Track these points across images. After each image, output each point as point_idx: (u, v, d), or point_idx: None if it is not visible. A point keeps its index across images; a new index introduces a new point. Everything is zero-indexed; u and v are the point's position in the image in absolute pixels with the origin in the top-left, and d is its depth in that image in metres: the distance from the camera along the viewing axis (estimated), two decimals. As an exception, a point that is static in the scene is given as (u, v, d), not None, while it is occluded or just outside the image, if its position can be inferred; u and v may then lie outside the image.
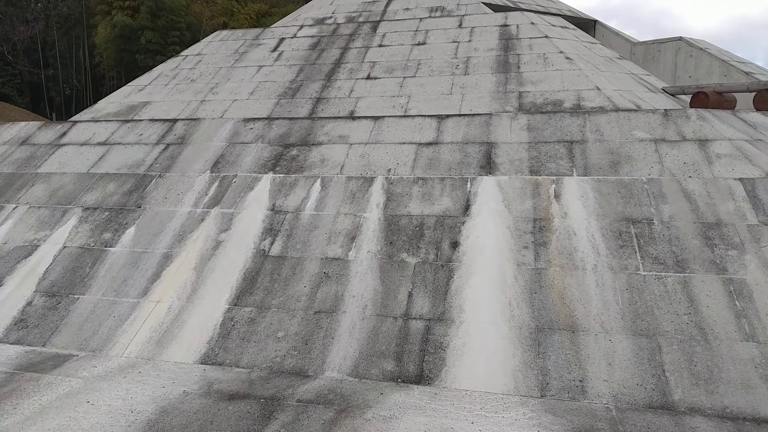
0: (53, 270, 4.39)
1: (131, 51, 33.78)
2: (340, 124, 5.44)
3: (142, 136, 5.77)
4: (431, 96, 6.63)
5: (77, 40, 37.60)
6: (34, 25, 34.92)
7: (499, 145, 4.78)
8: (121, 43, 33.93)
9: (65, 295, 4.17)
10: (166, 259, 4.31)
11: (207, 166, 5.18)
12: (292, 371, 3.37)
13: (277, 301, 3.83)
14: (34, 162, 5.66)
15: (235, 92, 7.40)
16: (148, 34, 33.02)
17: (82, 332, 3.85)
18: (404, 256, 3.97)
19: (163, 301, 3.97)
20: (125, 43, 33.85)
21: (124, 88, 8.11)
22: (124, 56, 34.48)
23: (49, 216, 4.93)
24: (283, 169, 4.97)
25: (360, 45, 8.04)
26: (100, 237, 4.61)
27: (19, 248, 4.65)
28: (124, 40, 33.82)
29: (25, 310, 4.09)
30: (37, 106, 34.42)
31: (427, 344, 3.38)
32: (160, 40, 33.61)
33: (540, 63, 6.85)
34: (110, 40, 33.87)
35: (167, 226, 4.60)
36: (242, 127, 5.65)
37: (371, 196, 4.51)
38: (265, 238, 4.32)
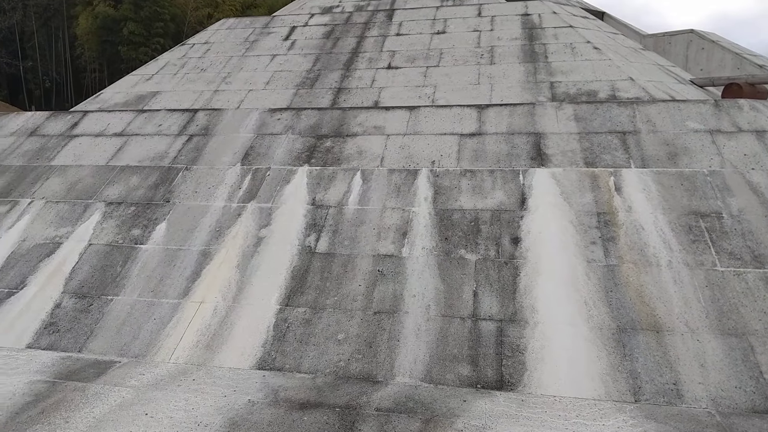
0: (80, 269, 4.09)
1: (114, 42, 32.98)
2: (373, 114, 5.19)
3: (161, 127, 5.46)
4: (458, 86, 6.41)
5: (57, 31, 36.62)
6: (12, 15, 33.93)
7: (547, 136, 4.58)
8: (104, 34, 33.11)
9: (97, 296, 3.88)
10: (205, 256, 4.04)
11: (236, 158, 4.90)
12: (359, 376, 3.14)
13: (331, 301, 3.59)
14: (47, 154, 5.32)
15: (250, 82, 7.11)
16: (131, 26, 32.22)
17: (121, 336, 3.57)
18: (462, 253, 3.75)
19: (207, 302, 3.70)
20: (107, 35, 33.04)
21: (128, 77, 7.76)
22: (106, 48, 33.67)
23: (70, 211, 4.61)
24: (319, 162, 4.71)
25: (377, 34, 7.79)
26: (129, 234, 4.31)
27: (39, 246, 4.34)
28: (107, 32, 33.00)
29: (55, 313, 3.79)
30: (15, 98, 33.47)
31: (502, 347, 3.17)
32: (144, 32, 32.86)
33: (568, 53, 6.68)
34: (92, 32, 33.05)
35: (201, 221, 4.32)
36: (269, 118, 5.37)
37: (417, 189, 4.29)
38: (309, 234, 4.07)
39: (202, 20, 36.79)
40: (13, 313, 3.83)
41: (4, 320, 3.79)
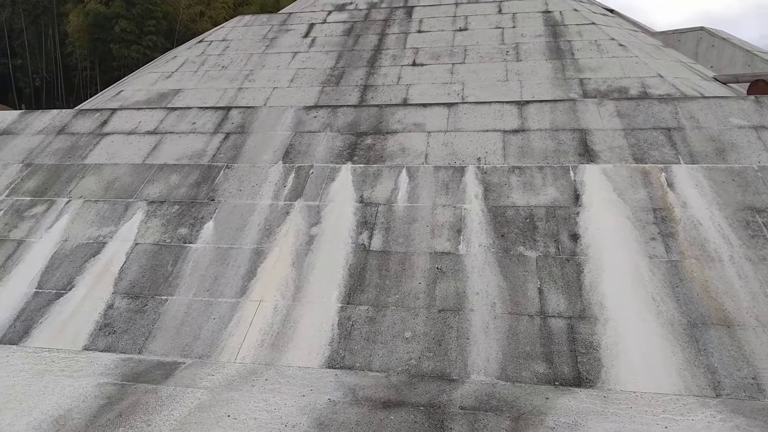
0: (129, 269, 4.03)
1: (105, 40, 32.59)
2: (411, 111, 5.17)
3: (195, 125, 5.40)
4: (486, 82, 6.41)
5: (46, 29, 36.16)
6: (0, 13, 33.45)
7: (592, 132, 4.59)
8: (95, 32, 32.73)
9: (150, 296, 3.82)
10: (258, 255, 3.99)
11: (277, 156, 4.86)
12: (432, 374, 3.12)
13: (393, 299, 3.57)
14: (78, 152, 5.24)
15: (273, 79, 7.05)
16: (123, 23, 31.86)
17: (181, 337, 3.52)
18: (521, 250, 3.75)
19: (267, 301, 3.66)
20: (99, 32, 32.65)
21: (148, 74, 7.66)
22: (97, 46, 33.28)
23: (110, 210, 4.54)
24: (362, 159, 4.68)
25: (398, 31, 7.76)
26: (176, 233, 4.26)
27: (83, 246, 4.26)
28: (98, 29, 32.62)
29: (108, 314, 3.73)
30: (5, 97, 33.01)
31: (575, 344, 3.17)
32: (136, 29, 32.51)
33: (594, 49, 6.69)
34: (83, 29, 32.67)
35: (249, 219, 4.28)
36: (305, 116, 5.33)
37: (466, 186, 4.27)
38: (362, 232, 4.04)
39: (194, 18, 36.54)
40: (64, 314, 3.76)
41: (55, 322, 3.73)
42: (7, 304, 3.87)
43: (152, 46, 33.28)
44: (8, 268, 4.17)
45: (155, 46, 33.54)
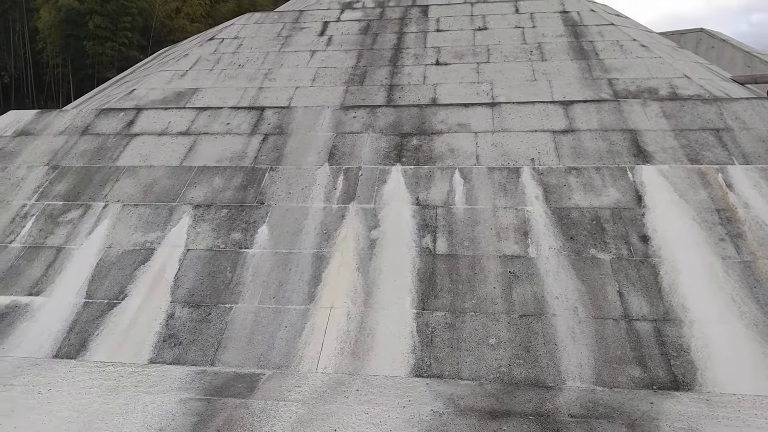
0: (185, 276, 3.87)
1: (78, 37, 31.70)
2: (454, 111, 5.11)
3: (230, 126, 5.24)
4: (515, 82, 6.38)
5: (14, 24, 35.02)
6: (-34, 7, 32.29)
7: (642, 133, 4.60)
8: (67, 28, 31.80)
9: (213, 304, 3.67)
10: (319, 260, 3.88)
11: (322, 158, 4.74)
12: (526, 382, 3.07)
13: (470, 305, 3.50)
14: (108, 154, 5.03)
15: (294, 78, 6.90)
16: (97, 19, 31.02)
17: (254, 347, 3.39)
18: (594, 252, 3.72)
19: (338, 307, 3.56)
20: (72, 29, 31.74)
21: (160, 73, 7.42)
22: (70, 42, 32.35)
23: (153, 215, 4.36)
24: (411, 161, 4.60)
25: (416, 30, 7.68)
26: (229, 237, 4.11)
27: (129, 252, 4.09)
28: (71, 25, 31.70)
29: (170, 324, 3.58)
30: (-28, 95, 31.84)
31: (665, 347, 3.15)
32: (110, 26, 31.70)
33: (617, 50, 6.73)
34: (54, 25, 31.74)
35: (304, 223, 4.15)
36: (343, 116, 5.22)
37: (525, 187, 4.23)
38: (424, 235, 3.96)
39: (170, 14, 35.82)
40: (121, 325, 3.59)
41: (113, 334, 3.56)
42: (57, 316, 3.68)
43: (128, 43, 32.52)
44: (51, 277, 3.97)
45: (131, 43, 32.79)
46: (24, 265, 4.07)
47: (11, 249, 4.20)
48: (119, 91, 7.58)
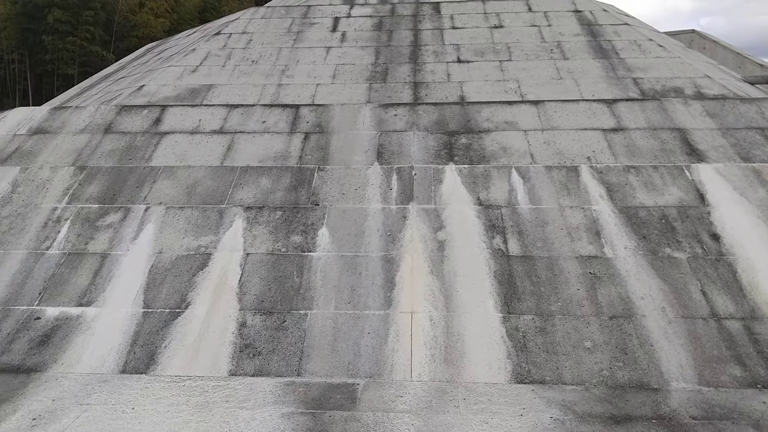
0: (250, 282, 3.68)
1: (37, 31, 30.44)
2: (498, 109, 5.04)
3: (266, 124, 5.03)
4: (540, 80, 6.35)
5: (-34, 17, 33.36)
6: None
7: (690, 131, 4.62)
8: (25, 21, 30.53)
9: (286, 311, 3.50)
10: (389, 263, 3.74)
11: (370, 157, 4.60)
12: (630, 385, 3.01)
13: (556, 307, 3.43)
14: (140, 153, 4.76)
15: (313, 75, 6.71)
16: (58, 13, 29.84)
17: (339, 355, 3.24)
18: (669, 252, 3.70)
19: (419, 312, 3.43)
20: (29, 22, 30.49)
21: (169, 68, 7.10)
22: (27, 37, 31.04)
23: (202, 218, 4.14)
24: (464, 159, 4.51)
25: (431, 27, 7.59)
26: (289, 241, 3.93)
27: (184, 258, 3.86)
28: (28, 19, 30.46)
29: (244, 333, 3.38)
30: None
31: (759, 345, 3.15)
32: (71, 20, 30.55)
33: (636, 49, 6.79)
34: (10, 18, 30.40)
35: (365, 225, 4.01)
36: (383, 114, 5.09)
37: (587, 186, 4.19)
38: (494, 237, 3.87)
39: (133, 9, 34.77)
40: (190, 336, 3.38)
41: (183, 345, 3.34)
42: (116, 328, 3.44)
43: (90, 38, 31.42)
44: (100, 285, 3.71)
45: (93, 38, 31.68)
46: (66, 273, 3.80)
47: (50, 256, 3.91)
48: (121, 87, 7.23)
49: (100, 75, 10.72)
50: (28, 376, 3.16)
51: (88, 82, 10.70)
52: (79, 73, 31.67)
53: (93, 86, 9.34)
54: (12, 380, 3.11)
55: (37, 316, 3.53)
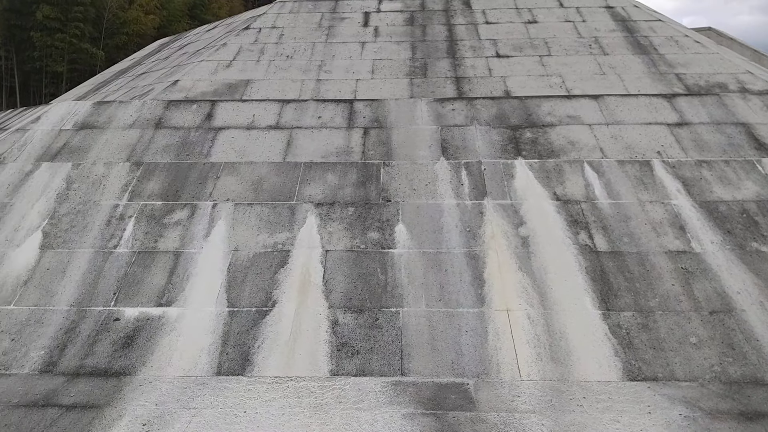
0: (335, 279, 3.57)
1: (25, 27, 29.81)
2: (557, 103, 4.99)
3: (322, 120, 4.92)
4: (584, 75, 6.31)
5: (-49, 13, 32.60)
6: None
7: (754, 126, 4.61)
8: (12, 17, 29.89)
9: (376, 308, 3.40)
10: (473, 259, 3.66)
11: (435, 152, 4.51)
12: (744, 380, 2.97)
13: (654, 303, 3.37)
14: (197, 149, 4.63)
15: (352, 71, 6.60)
16: (46, 9, 29.23)
17: (440, 354, 3.15)
18: (756, 246, 3.67)
19: (515, 310, 3.35)
20: (17, 18, 29.86)
21: (201, 63, 6.95)
22: (15, 33, 30.41)
23: (274, 214, 4.03)
24: (533, 154, 4.44)
25: (464, 21, 7.52)
26: (366, 237, 3.83)
27: (261, 255, 3.75)
28: (15, 15, 29.83)
29: (338, 332, 3.28)
30: None
31: None
32: (60, 16, 29.95)
33: (674, 45, 6.78)
34: (-3, 14, 29.68)
35: (442, 221, 3.93)
36: (441, 108, 5.00)
37: (662, 181, 4.15)
38: (578, 232, 3.81)
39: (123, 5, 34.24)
40: (283, 335, 3.27)
41: (277, 344, 3.23)
42: (202, 328, 3.32)
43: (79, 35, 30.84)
44: (178, 284, 3.58)
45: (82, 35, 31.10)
46: (139, 272, 3.66)
47: (119, 255, 3.77)
48: (148, 82, 7.06)
49: (112, 71, 10.50)
50: (119, 379, 3.02)
51: (101, 77, 10.47)
52: (68, 70, 31.15)
53: (109, 82, 9.14)
54: (103, 384, 2.97)
55: (115, 317, 3.39)
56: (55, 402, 2.79)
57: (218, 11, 43.08)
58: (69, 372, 3.09)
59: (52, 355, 3.19)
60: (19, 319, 3.39)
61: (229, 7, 44.78)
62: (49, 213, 4.08)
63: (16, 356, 3.19)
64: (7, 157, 4.61)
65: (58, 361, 3.15)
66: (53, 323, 3.36)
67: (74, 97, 9.41)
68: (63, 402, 2.79)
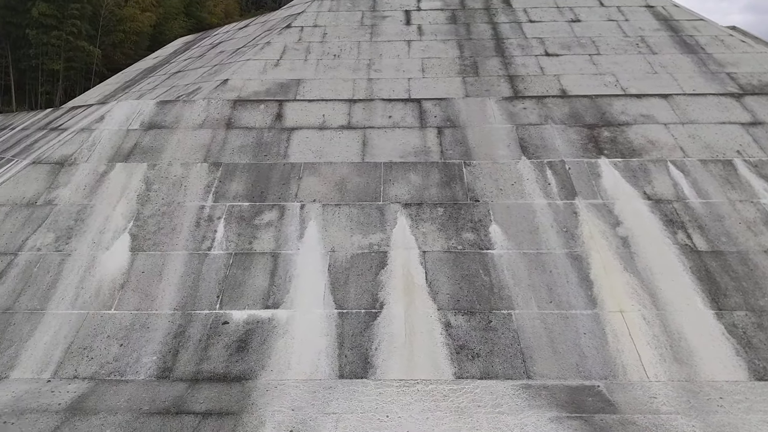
0: (438, 281, 3.54)
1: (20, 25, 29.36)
2: (628, 102, 4.99)
3: (392, 119, 4.88)
4: (636, 74, 6.32)
5: (-55, 11, 32.06)
6: None
7: (830, 125, 4.63)
8: (7, 14, 29.41)
9: (487, 310, 3.37)
10: (576, 260, 3.65)
11: (514, 151, 4.49)
12: None
13: (764, 302, 3.38)
14: (273, 150, 4.57)
15: (402, 69, 6.56)
16: (42, 6, 28.78)
17: (563, 356, 3.13)
18: None
19: (628, 311, 3.34)
20: (12, 16, 29.39)
21: (248, 62, 6.87)
22: (10, 31, 29.93)
23: (363, 215, 3.99)
24: (615, 153, 4.44)
25: (507, 20, 7.50)
26: (461, 237, 3.80)
27: (359, 256, 3.70)
28: (10, 12, 29.34)
29: (453, 334, 3.25)
30: None
31: None
32: (57, 13, 29.53)
33: (720, 45, 6.81)
34: (-8, 12, 29.22)
35: (536, 221, 3.91)
36: (511, 107, 4.98)
37: (748, 180, 4.16)
38: (675, 232, 3.81)
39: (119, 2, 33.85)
40: (398, 337, 3.23)
41: (394, 347, 3.19)
42: (315, 330, 3.27)
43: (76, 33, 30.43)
44: (281, 286, 3.53)
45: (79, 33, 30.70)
46: (239, 274, 3.60)
47: (215, 257, 3.71)
48: (190, 81, 6.98)
49: (137, 69, 10.37)
50: (242, 384, 2.97)
51: (124, 76, 10.34)
52: (64, 68, 30.75)
53: (138, 80, 9.03)
54: (227, 389, 2.92)
55: (224, 320, 3.33)
56: (186, 409, 2.73)
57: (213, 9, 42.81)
58: (187, 378, 3.03)
59: (165, 360, 3.12)
60: (123, 323, 3.32)
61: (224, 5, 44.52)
62: (132, 215, 4.01)
63: (128, 362, 3.12)
64: (77, 158, 4.52)
65: (173, 366, 3.09)
66: (160, 328, 3.29)
67: (101, 96, 9.28)
68: (195, 409, 2.73)
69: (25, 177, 4.36)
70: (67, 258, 3.70)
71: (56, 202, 4.11)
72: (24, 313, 3.38)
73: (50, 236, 3.85)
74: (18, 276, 3.59)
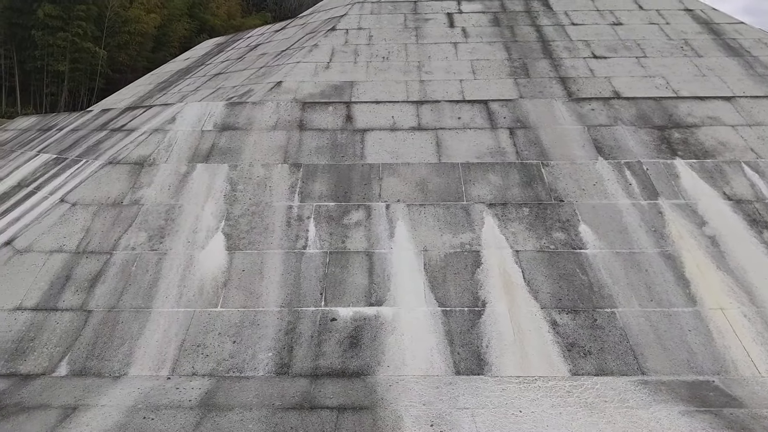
0: (536, 279, 3.59)
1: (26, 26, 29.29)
2: (691, 104, 5.07)
3: (462, 120, 4.94)
4: (685, 77, 6.41)
5: (-50, 12, 31.95)
6: None
7: None
8: (13, 16, 29.37)
9: (590, 309, 3.43)
10: (669, 259, 3.71)
11: (590, 151, 4.56)
12: None
13: None
14: (350, 151, 4.62)
15: (452, 72, 6.63)
16: (48, 8, 28.76)
17: (672, 353, 3.19)
18: None
19: (728, 309, 3.41)
20: (18, 17, 29.34)
21: (299, 64, 6.92)
22: (16, 32, 29.87)
23: (450, 215, 4.04)
24: (688, 154, 4.51)
25: (549, 23, 7.58)
26: (551, 237, 3.86)
27: (452, 255, 3.76)
28: (17, 13, 29.30)
29: (561, 332, 3.30)
30: None
31: None
32: (63, 15, 29.51)
33: (764, 47, 6.91)
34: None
35: (622, 221, 3.97)
36: (579, 108, 5.05)
37: (823, 181, 4.24)
38: (761, 231, 3.89)
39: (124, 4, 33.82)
40: (507, 335, 3.28)
41: (504, 343, 3.24)
42: (423, 328, 3.32)
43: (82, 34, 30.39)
44: (381, 284, 3.58)
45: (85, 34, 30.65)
46: (338, 272, 3.65)
47: (311, 255, 3.75)
48: (238, 83, 7.02)
49: (168, 70, 10.39)
50: (363, 380, 3.01)
51: (155, 78, 10.36)
52: (69, 69, 30.71)
53: (174, 82, 9.06)
54: (351, 384, 2.96)
55: (332, 317, 3.37)
56: (319, 404, 2.78)
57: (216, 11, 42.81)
58: (306, 374, 3.07)
59: (281, 356, 3.16)
60: (232, 321, 3.36)
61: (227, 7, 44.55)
62: (222, 214, 4.04)
63: (244, 359, 3.16)
64: (156, 159, 4.55)
65: (290, 363, 3.13)
66: (270, 325, 3.33)
67: (135, 97, 9.30)
68: (327, 404, 2.78)
69: (106, 177, 4.38)
70: (163, 257, 3.73)
71: (143, 202, 4.14)
72: (130, 311, 3.41)
73: (143, 235, 3.88)
74: (117, 275, 3.62)
